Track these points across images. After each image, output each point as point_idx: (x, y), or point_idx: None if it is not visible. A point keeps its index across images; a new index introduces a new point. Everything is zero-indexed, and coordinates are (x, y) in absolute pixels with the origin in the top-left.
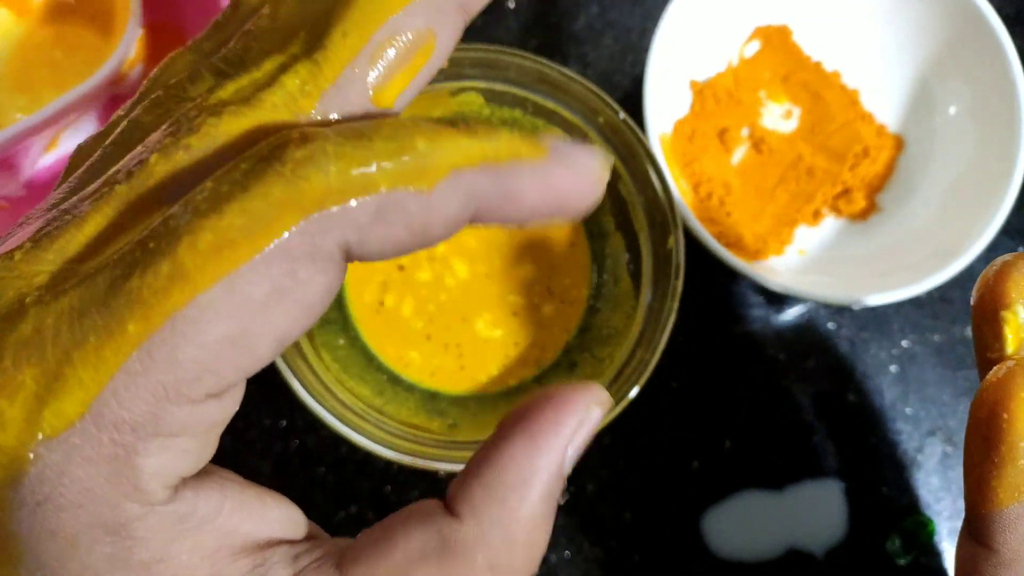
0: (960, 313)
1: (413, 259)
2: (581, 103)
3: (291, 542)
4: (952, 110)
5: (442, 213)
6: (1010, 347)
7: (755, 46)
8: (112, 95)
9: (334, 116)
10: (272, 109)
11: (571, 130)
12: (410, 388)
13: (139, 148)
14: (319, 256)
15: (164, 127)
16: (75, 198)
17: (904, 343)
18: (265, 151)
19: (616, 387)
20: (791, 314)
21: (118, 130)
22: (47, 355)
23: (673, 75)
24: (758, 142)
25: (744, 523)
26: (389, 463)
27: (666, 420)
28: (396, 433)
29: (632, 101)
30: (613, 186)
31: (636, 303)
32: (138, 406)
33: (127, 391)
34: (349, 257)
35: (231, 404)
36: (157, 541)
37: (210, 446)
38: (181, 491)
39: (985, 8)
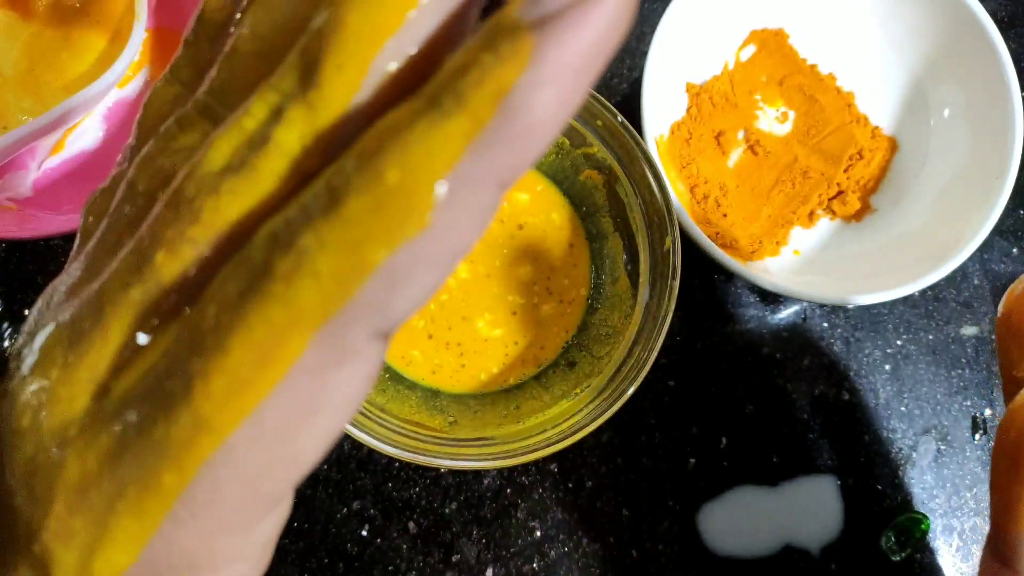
0: (953, 313)
1: None
2: (579, 106)
3: None
4: (946, 112)
5: (462, 228)
6: None
7: (751, 50)
8: (117, 98)
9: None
10: (270, 176)
11: (570, 132)
12: (412, 386)
13: (143, 234)
14: (347, 356)
15: (162, 204)
16: (89, 295)
17: (898, 342)
18: (257, 260)
19: (614, 385)
20: (786, 314)
21: (117, 197)
22: (94, 504)
23: (670, 79)
24: (754, 144)
25: (740, 520)
26: (391, 460)
27: (663, 418)
28: (398, 430)
29: (630, 104)
30: (611, 188)
31: (634, 303)
32: (189, 547)
33: (175, 536)
34: (386, 335)
35: (284, 513)
36: None
37: (265, 560)
38: None
39: (979, 12)
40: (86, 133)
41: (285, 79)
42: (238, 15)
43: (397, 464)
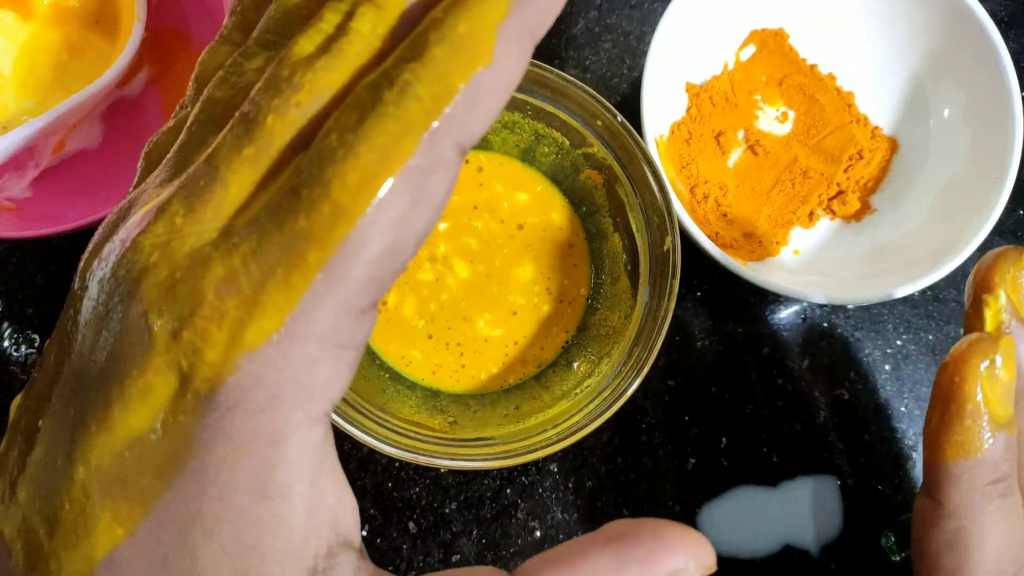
0: (953, 313)
1: (415, 260)
2: (580, 106)
3: (357, 551)
4: (946, 112)
5: (510, 66)
6: (989, 325)
7: (751, 50)
8: (117, 98)
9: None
10: (355, 56)
11: (570, 132)
12: (412, 386)
13: (244, 111)
14: (440, 162)
15: (259, 88)
16: (198, 166)
17: (898, 342)
18: (366, 98)
19: (614, 385)
20: (786, 314)
21: (196, 110)
22: (243, 288)
23: (670, 79)
24: (754, 145)
25: (740, 519)
26: (391, 460)
27: (663, 418)
28: (398, 430)
29: (630, 104)
30: (611, 188)
31: (634, 303)
32: (323, 320)
33: (314, 308)
34: (464, 150)
35: (375, 320)
36: (295, 467)
37: (355, 369)
38: (327, 417)
39: (979, 11)
40: (86, 133)
41: None
42: None
43: (397, 464)
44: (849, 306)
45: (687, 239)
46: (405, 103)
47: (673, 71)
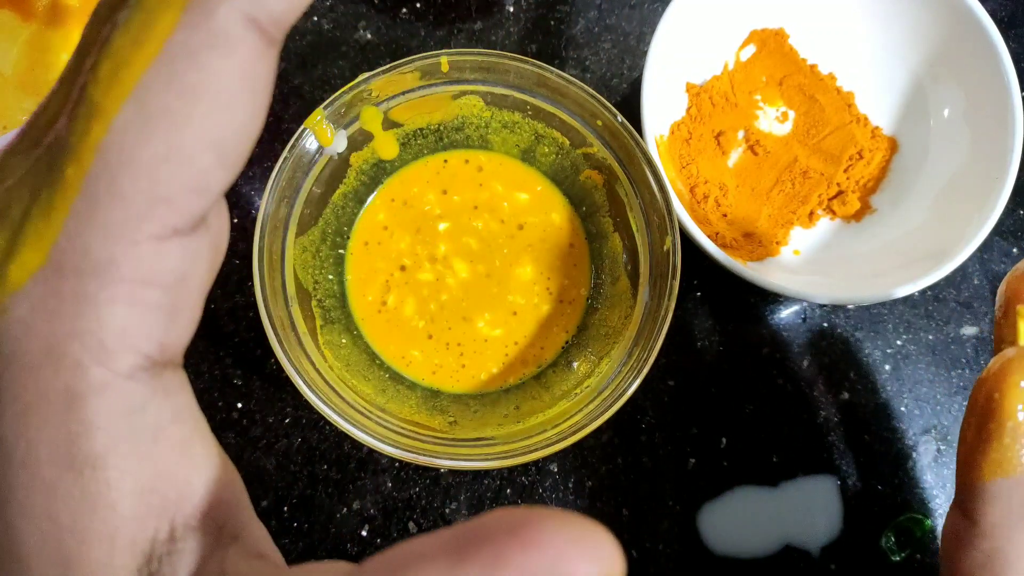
0: (953, 313)
1: (415, 260)
2: (579, 106)
3: (217, 534)
4: (946, 112)
5: None
6: (1022, 339)
7: (751, 50)
8: None
9: None
10: None
11: (570, 132)
12: (412, 386)
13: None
14: (219, 38)
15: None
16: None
17: (898, 342)
18: None
19: (614, 385)
20: (786, 314)
21: None
22: (13, 215)
23: (670, 78)
24: (754, 144)
25: (740, 519)
26: (391, 460)
27: (663, 418)
28: (398, 430)
29: (630, 104)
30: (611, 188)
31: (634, 303)
32: (94, 248)
33: (79, 233)
34: (262, 27)
35: (201, 256)
36: (105, 433)
37: (183, 314)
38: (146, 375)
39: (979, 11)
40: None
41: None
42: None
43: (397, 464)
44: (849, 306)
45: (687, 239)
46: None
47: (673, 71)
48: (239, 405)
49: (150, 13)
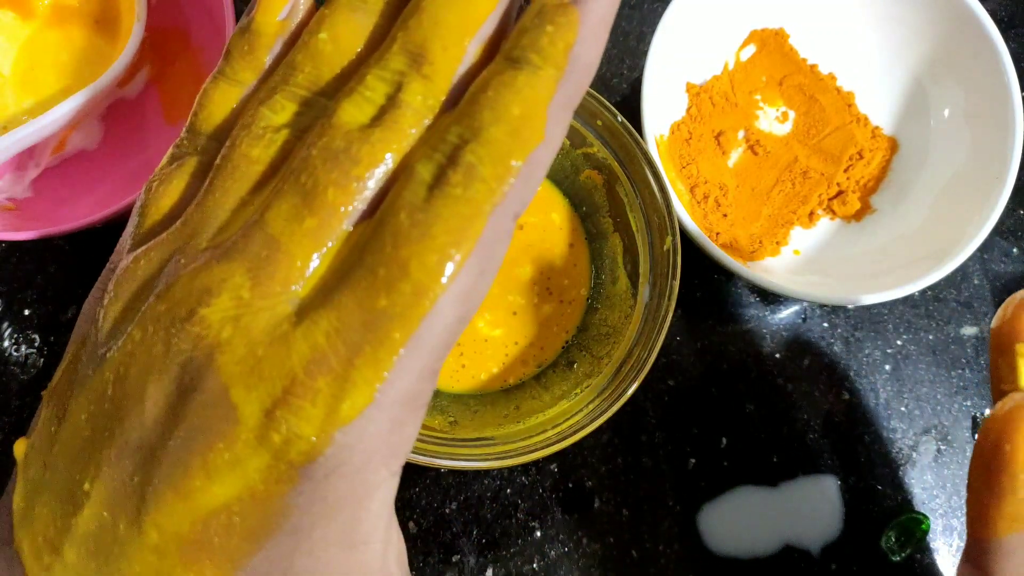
0: (953, 313)
1: None
2: (580, 106)
3: None
4: (946, 112)
5: (558, 137)
6: (1023, 380)
7: (751, 50)
8: (117, 98)
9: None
10: (409, 128)
11: (570, 132)
12: None
13: (299, 180)
14: (503, 234)
15: (313, 157)
16: (251, 233)
17: (898, 342)
18: (428, 177)
19: (614, 385)
20: (786, 314)
21: (226, 165)
22: (333, 365)
23: (670, 79)
24: (754, 144)
25: (740, 520)
26: None
27: (663, 418)
28: None
29: (630, 104)
30: (611, 188)
31: (634, 303)
32: (407, 388)
33: (400, 379)
34: (518, 216)
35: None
36: (377, 517)
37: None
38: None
39: (979, 11)
40: (86, 133)
41: (393, 62)
42: (293, 25)
43: None
44: (849, 306)
45: (687, 239)
46: (472, 185)
47: (673, 71)
48: None
49: (464, 218)
